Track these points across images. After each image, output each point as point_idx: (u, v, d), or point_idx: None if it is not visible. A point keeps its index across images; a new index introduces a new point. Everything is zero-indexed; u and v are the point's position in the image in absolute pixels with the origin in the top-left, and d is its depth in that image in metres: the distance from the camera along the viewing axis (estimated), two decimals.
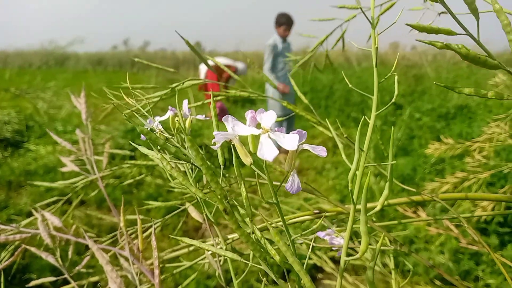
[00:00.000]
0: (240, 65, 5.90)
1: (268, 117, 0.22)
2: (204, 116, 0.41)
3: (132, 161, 0.42)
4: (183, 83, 0.38)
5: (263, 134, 0.22)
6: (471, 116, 3.03)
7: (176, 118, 0.40)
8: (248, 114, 0.23)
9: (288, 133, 0.23)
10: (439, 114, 3.52)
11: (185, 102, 0.40)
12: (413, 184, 2.53)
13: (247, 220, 0.24)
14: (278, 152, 0.21)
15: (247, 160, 0.23)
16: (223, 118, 0.23)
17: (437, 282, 2.00)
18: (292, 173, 0.24)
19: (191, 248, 0.45)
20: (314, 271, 2.02)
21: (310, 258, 1.85)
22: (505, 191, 2.03)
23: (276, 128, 0.23)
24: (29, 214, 2.78)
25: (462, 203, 2.30)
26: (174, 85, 0.38)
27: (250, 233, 0.24)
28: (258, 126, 0.22)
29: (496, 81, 2.21)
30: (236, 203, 0.25)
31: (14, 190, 3.08)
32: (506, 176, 2.15)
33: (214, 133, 0.24)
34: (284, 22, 3.94)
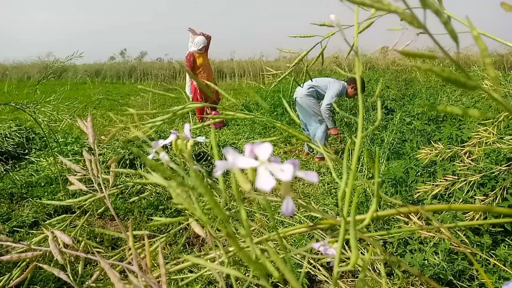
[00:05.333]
0: (198, 38, 5.85)
1: (265, 150, 0.24)
2: (204, 138, 0.43)
3: (138, 180, 0.44)
4: (184, 107, 0.40)
5: (260, 166, 0.24)
6: (460, 119, 3.07)
7: (179, 141, 0.42)
8: (247, 147, 0.25)
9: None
10: (429, 117, 3.56)
11: (187, 126, 0.42)
12: (406, 187, 2.55)
13: (248, 240, 0.26)
14: (274, 182, 0.23)
15: (246, 186, 0.25)
16: (224, 149, 0.25)
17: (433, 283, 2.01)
18: (286, 197, 0.27)
19: (194, 260, 0.47)
20: (311, 276, 2.04)
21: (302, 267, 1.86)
22: (496, 192, 2.06)
23: (272, 158, 0.25)
24: (31, 226, 2.78)
25: (455, 205, 2.32)
26: (176, 108, 0.40)
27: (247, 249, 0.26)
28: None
29: (485, 85, 2.25)
30: (237, 221, 0.27)
31: (16, 202, 3.07)
32: (496, 177, 2.17)
33: (216, 162, 0.26)
34: (355, 87, 4.06)
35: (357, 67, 0.33)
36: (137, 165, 3.56)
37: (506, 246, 2.02)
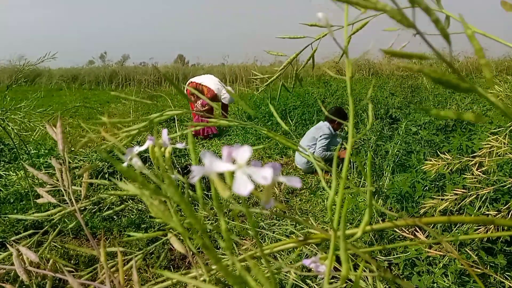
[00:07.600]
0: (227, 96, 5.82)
1: (243, 153, 0.25)
2: (184, 144, 0.44)
3: (112, 192, 0.44)
4: (161, 114, 0.40)
5: (238, 170, 0.24)
6: (471, 128, 3.10)
7: (156, 148, 0.43)
8: (225, 150, 0.26)
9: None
10: (437, 127, 3.59)
11: (165, 131, 0.42)
12: (412, 202, 2.56)
13: (228, 252, 0.26)
14: (252, 187, 0.23)
15: (225, 193, 0.25)
16: (201, 153, 0.25)
17: None
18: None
19: (174, 280, 0.47)
20: None
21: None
22: (509, 207, 2.08)
23: (252, 162, 0.25)
24: None
25: (454, 216, 2.32)
26: (152, 116, 0.40)
27: (229, 266, 0.26)
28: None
29: (495, 91, 2.29)
30: (219, 234, 0.27)
31: None
32: (510, 191, 2.18)
33: (191, 168, 0.26)
34: (336, 121, 4.34)
35: (347, 67, 0.34)
36: (118, 179, 3.54)
37: None
